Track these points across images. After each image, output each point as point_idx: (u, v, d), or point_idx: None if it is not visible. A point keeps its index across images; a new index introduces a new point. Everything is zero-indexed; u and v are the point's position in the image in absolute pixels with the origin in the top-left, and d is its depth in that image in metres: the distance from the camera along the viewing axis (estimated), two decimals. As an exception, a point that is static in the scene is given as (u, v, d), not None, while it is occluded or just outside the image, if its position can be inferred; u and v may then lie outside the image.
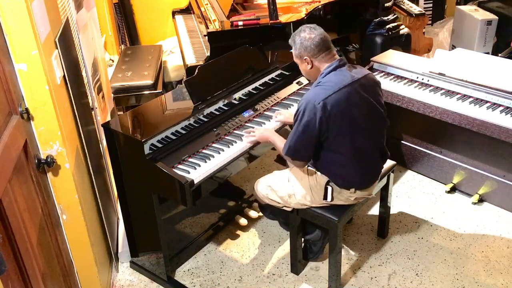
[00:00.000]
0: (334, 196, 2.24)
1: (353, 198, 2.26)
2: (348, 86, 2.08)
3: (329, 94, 2.03)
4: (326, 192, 2.24)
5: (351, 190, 2.23)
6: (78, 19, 2.65)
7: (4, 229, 1.46)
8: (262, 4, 3.79)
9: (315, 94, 2.05)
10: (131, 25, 4.98)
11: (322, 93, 2.04)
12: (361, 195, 2.27)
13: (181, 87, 2.67)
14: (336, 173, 2.21)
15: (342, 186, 2.23)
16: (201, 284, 2.53)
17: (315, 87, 2.11)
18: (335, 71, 2.11)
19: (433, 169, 3.19)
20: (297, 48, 2.15)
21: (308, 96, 2.07)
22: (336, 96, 2.04)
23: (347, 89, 2.07)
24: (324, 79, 2.11)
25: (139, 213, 2.41)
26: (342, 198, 2.26)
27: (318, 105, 2.02)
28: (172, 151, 2.24)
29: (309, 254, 2.60)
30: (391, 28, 3.79)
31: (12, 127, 1.61)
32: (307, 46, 2.11)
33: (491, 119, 2.63)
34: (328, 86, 2.06)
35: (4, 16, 1.68)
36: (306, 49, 2.12)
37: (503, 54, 4.08)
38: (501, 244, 2.69)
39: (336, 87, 2.05)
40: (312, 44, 2.10)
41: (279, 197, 2.34)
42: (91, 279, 2.24)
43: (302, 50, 2.13)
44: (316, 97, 2.04)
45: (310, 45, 2.11)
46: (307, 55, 2.13)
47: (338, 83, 2.07)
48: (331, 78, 2.09)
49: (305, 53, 2.13)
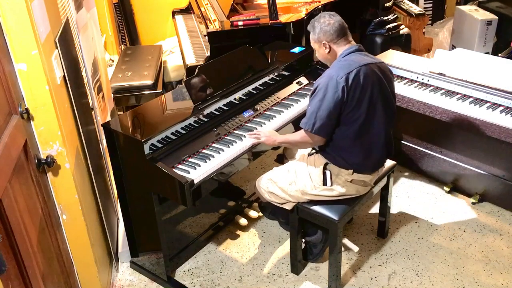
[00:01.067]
0: (332, 180, 2.27)
1: (350, 180, 2.27)
2: (368, 66, 2.16)
3: (351, 70, 2.11)
4: (325, 177, 2.27)
5: (349, 171, 2.25)
6: (78, 19, 2.65)
7: (4, 229, 1.46)
8: (262, 4, 3.79)
9: (337, 71, 2.13)
10: (131, 25, 4.98)
11: (343, 69, 2.12)
12: (358, 178, 2.28)
13: (181, 87, 2.67)
14: (340, 151, 2.24)
15: (342, 166, 2.25)
16: (201, 284, 2.53)
17: (334, 65, 2.18)
18: (354, 53, 2.19)
19: (433, 169, 3.19)
20: (316, 33, 2.22)
21: (330, 72, 2.14)
22: (357, 72, 2.11)
23: (367, 67, 2.15)
24: (344, 59, 2.18)
25: (139, 213, 2.41)
26: (340, 182, 2.27)
27: (340, 79, 2.09)
28: (172, 151, 2.24)
29: (309, 256, 2.60)
30: (391, 28, 3.79)
31: (12, 127, 1.61)
32: (326, 31, 2.18)
33: (491, 119, 2.63)
34: (348, 63, 2.14)
35: (4, 16, 1.69)
36: (325, 34, 2.19)
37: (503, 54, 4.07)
38: (501, 244, 2.69)
39: (357, 65, 2.13)
40: (332, 29, 2.18)
41: (279, 188, 2.35)
42: (91, 279, 2.24)
43: (321, 35, 2.20)
44: (338, 73, 2.11)
45: (329, 30, 2.18)
46: (326, 39, 2.20)
47: (359, 62, 2.15)
48: (351, 58, 2.18)
49: (324, 37, 2.20)
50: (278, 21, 3.21)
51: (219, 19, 3.34)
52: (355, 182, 2.28)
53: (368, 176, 2.31)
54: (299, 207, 2.35)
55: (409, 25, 4.25)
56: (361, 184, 2.31)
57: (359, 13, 3.75)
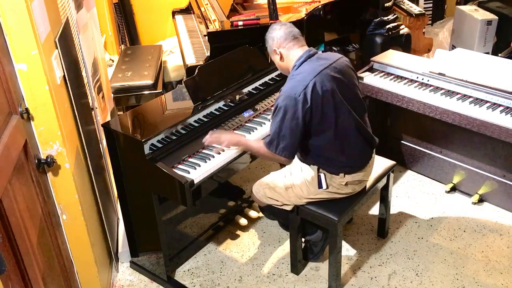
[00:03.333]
0: (328, 183, 2.26)
1: (344, 183, 2.26)
2: (322, 72, 2.12)
3: (306, 84, 2.07)
4: (319, 180, 2.26)
5: (341, 175, 2.24)
6: (78, 19, 2.65)
7: (4, 229, 1.46)
8: (262, 4, 3.79)
9: (293, 87, 2.09)
10: (131, 25, 4.98)
11: (299, 84, 2.08)
12: (352, 179, 2.27)
13: (181, 87, 2.67)
14: (324, 161, 2.23)
15: (331, 172, 2.25)
16: (201, 284, 2.53)
17: (290, 80, 2.16)
18: (306, 62, 2.17)
19: (433, 169, 3.19)
20: (268, 42, 2.26)
21: (286, 91, 2.11)
22: (313, 84, 2.08)
23: (322, 75, 2.11)
24: (297, 71, 2.16)
25: (139, 213, 2.41)
26: (335, 185, 2.27)
27: (299, 97, 2.06)
28: (172, 151, 2.24)
29: (309, 255, 2.61)
30: (391, 28, 3.79)
31: (12, 127, 1.61)
32: (274, 37, 2.22)
33: (491, 119, 2.63)
34: (303, 77, 2.11)
35: (4, 16, 1.69)
36: (274, 40, 2.22)
37: (503, 54, 4.08)
38: (501, 244, 2.69)
39: (312, 76, 2.09)
40: (278, 35, 2.21)
41: (277, 193, 2.34)
42: (91, 279, 2.24)
43: (271, 42, 2.24)
44: (295, 90, 2.07)
45: (276, 36, 2.21)
46: (276, 46, 2.22)
47: (312, 71, 2.11)
48: (304, 69, 2.14)
49: (274, 44, 2.22)
50: (278, 21, 3.21)
51: (219, 19, 3.34)
52: (350, 183, 2.28)
53: (360, 174, 2.29)
54: (299, 207, 2.35)
55: (409, 25, 4.25)
56: (356, 183, 2.31)
57: (359, 13, 3.75)
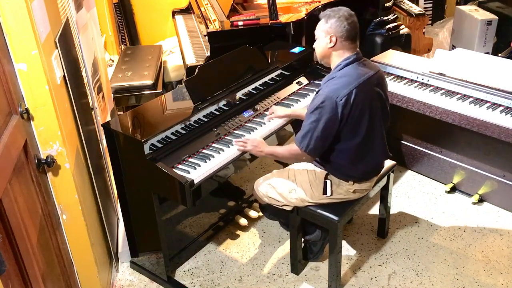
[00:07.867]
0: (333, 190, 2.25)
1: (352, 190, 2.26)
2: (365, 81, 2.09)
3: (350, 90, 2.03)
4: (325, 186, 2.25)
5: (350, 182, 2.24)
6: (78, 19, 2.65)
7: (4, 229, 1.46)
8: (262, 4, 3.79)
9: (336, 90, 2.04)
10: (131, 25, 4.98)
11: (342, 88, 2.04)
12: (360, 188, 2.28)
13: (181, 87, 2.67)
14: (339, 164, 2.22)
15: (342, 178, 2.24)
16: (201, 284, 2.53)
17: (332, 80, 2.10)
18: (351, 65, 2.11)
19: (433, 169, 3.19)
20: (330, 22, 2.09)
21: (328, 91, 2.05)
22: (356, 92, 2.04)
23: (365, 84, 2.08)
24: (340, 73, 2.10)
25: (139, 213, 2.41)
26: (342, 192, 2.26)
27: (340, 101, 2.02)
28: (172, 151, 2.24)
29: (309, 255, 2.60)
30: (391, 28, 3.79)
31: (12, 127, 1.61)
32: (340, 25, 2.07)
33: (491, 119, 2.63)
34: (347, 81, 2.06)
35: (4, 16, 1.68)
36: (337, 28, 2.07)
37: (503, 54, 4.08)
38: (501, 244, 2.69)
39: (356, 83, 2.06)
40: (346, 27, 2.07)
41: (279, 193, 2.34)
42: (91, 279, 2.24)
43: (333, 27, 2.08)
44: (337, 93, 2.03)
45: (343, 26, 2.07)
46: (336, 33, 2.08)
47: (356, 77, 2.07)
48: (349, 72, 2.09)
49: (335, 31, 2.08)
50: (278, 21, 3.21)
51: (219, 19, 3.34)
52: (357, 191, 2.29)
53: (367, 183, 2.32)
54: (299, 208, 2.34)
55: (409, 25, 4.25)
56: (363, 192, 2.32)
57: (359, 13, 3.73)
